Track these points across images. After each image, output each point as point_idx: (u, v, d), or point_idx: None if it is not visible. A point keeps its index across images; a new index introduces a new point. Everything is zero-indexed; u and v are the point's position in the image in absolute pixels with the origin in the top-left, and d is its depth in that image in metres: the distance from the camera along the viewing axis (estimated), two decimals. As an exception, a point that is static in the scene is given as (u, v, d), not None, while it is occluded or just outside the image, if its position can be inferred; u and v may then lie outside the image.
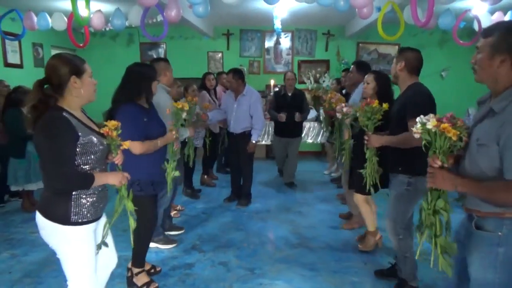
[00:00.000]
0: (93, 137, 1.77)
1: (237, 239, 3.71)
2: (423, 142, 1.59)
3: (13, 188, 4.50)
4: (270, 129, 6.98)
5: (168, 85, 3.30)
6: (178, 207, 4.47)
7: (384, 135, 2.62)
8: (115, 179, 1.85)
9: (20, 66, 6.32)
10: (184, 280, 2.93)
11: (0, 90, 4.74)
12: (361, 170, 2.77)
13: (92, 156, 1.77)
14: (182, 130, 3.09)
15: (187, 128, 3.24)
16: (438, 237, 1.60)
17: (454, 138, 1.48)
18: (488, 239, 1.50)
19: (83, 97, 1.79)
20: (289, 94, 5.35)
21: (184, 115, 2.89)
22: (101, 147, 1.81)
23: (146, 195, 2.61)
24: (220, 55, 7.96)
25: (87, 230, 1.81)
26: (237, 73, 4.45)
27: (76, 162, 1.73)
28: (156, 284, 2.79)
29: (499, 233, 1.47)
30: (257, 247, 3.54)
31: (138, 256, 2.77)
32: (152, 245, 3.23)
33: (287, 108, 5.23)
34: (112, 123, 1.86)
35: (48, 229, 1.77)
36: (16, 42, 6.12)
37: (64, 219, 1.74)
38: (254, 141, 4.47)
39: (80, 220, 1.77)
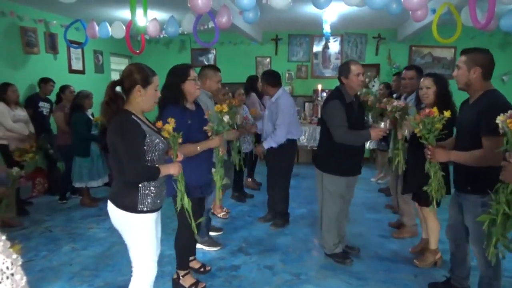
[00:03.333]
0: (155, 137, 2.00)
1: (283, 243, 3.71)
2: (505, 138, 1.63)
3: (77, 185, 4.83)
4: (317, 134, 6.93)
5: (209, 91, 3.32)
6: (225, 209, 4.56)
7: (446, 146, 2.43)
8: (174, 169, 2.08)
9: (82, 72, 6.79)
10: (231, 282, 2.99)
11: (67, 95, 5.13)
12: (425, 188, 2.53)
13: (156, 153, 2.00)
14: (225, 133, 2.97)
15: (229, 131, 3.06)
16: (496, 228, 1.74)
17: None
18: None
19: (143, 104, 2.01)
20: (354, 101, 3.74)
21: (226, 118, 2.71)
22: (161, 145, 2.04)
23: (194, 199, 2.67)
24: (268, 60, 8.03)
25: (150, 218, 2.04)
26: (264, 76, 4.05)
27: (145, 158, 1.96)
28: (204, 284, 2.87)
29: None
30: (302, 252, 3.52)
31: (182, 258, 2.85)
32: (198, 246, 3.30)
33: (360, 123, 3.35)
34: (169, 125, 2.12)
35: (118, 217, 2.01)
36: (79, 50, 6.59)
37: (131, 207, 1.97)
38: (264, 147, 3.91)
39: (145, 209, 1.99)
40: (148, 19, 4.62)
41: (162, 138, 2.07)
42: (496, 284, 2.30)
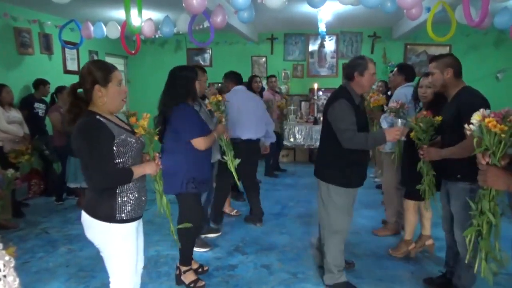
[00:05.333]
0: (126, 136, 1.83)
1: (280, 242, 3.72)
2: (475, 139, 1.57)
3: (72, 186, 4.80)
4: (313, 132, 6.95)
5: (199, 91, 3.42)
6: (235, 211, 4.56)
7: (436, 145, 2.51)
8: (151, 168, 1.91)
9: (77, 72, 6.73)
10: (228, 281, 2.99)
11: (62, 96, 5.09)
12: (418, 186, 2.68)
13: (129, 153, 1.83)
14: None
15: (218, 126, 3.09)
16: (483, 240, 1.58)
17: (503, 135, 1.44)
18: None
19: (108, 105, 1.83)
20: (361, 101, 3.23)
21: (221, 107, 3.04)
22: (135, 144, 1.87)
23: (197, 194, 2.75)
24: (264, 59, 8.03)
25: (131, 227, 1.88)
26: (224, 76, 4.28)
27: (115, 161, 1.79)
28: (203, 282, 2.87)
29: None
30: (300, 251, 3.53)
31: (185, 254, 2.87)
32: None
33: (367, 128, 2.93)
34: (143, 121, 1.94)
35: (95, 228, 1.84)
36: (75, 51, 6.57)
37: (109, 217, 1.81)
38: None
39: (124, 218, 1.83)
40: (143, 19, 4.61)
41: (137, 136, 1.91)
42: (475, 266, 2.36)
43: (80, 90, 1.85)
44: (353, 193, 2.72)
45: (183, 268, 2.86)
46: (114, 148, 1.77)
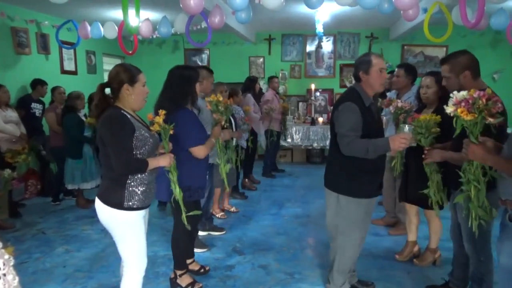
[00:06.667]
0: (144, 132, 2.05)
1: (277, 243, 3.72)
2: (454, 120, 1.88)
3: (70, 187, 4.81)
4: (311, 133, 6.97)
5: (204, 93, 3.42)
6: (227, 207, 4.60)
7: (445, 147, 2.43)
8: (165, 161, 2.14)
9: (74, 73, 6.75)
10: (225, 281, 2.99)
11: (56, 97, 5.10)
12: (424, 190, 2.56)
13: (145, 147, 2.03)
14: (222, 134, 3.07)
15: (225, 131, 3.17)
16: (472, 203, 1.94)
17: (471, 119, 1.78)
18: None
19: (133, 102, 2.06)
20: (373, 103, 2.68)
21: (220, 108, 2.95)
22: (151, 139, 2.08)
23: (192, 202, 2.69)
24: (261, 60, 8.03)
25: (137, 215, 2.06)
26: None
27: (133, 152, 1.99)
28: (200, 284, 2.86)
29: None
30: (297, 251, 3.53)
31: (178, 258, 2.84)
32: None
33: (380, 132, 2.60)
34: (160, 117, 2.19)
35: (105, 213, 2.03)
36: (72, 51, 6.55)
37: (118, 204, 1.99)
38: None
39: (132, 206, 2.02)
40: (140, 20, 4.60)
41: (152, 133, 2.12)
42: (488, 279, 2.31)
43: (107, 89, 2.08)
44: (366, 204, 2.45)
45: (179, 272, 2.83)
46: (134, 141, 1.98)
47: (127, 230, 2.06)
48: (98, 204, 2.05)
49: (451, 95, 1.88)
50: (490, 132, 1.88)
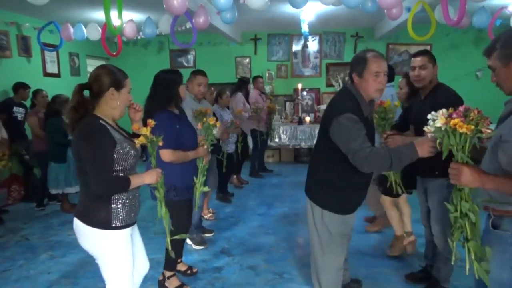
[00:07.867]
0: (126, 144, 1.83)
1: (266, 243, 3.71)
2: (438, 141, 1.55)
3: (54, 191, 4.72)
4: (298, 132, 6.98)
5: (193, 94, 3.48)
6: (210, 210, 4.54)
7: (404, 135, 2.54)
8: (151, 177, 1.91)
9: (57, 75, 6.63)
10: (214, 283, 2.96)
11: (39, 101, 4.99)
12: (383, 172, 2.66)
13: (128, 162, 1.82)
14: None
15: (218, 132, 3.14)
16: (469, 242, 1.51)
17: (468, 133, 1.42)
18: (503, 239, 1.49)
19: (115, 110, 1.83)
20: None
21: (215, 131, 2.81)
22: (133, 152, 1.86)
23: (182, 200, 2.67)
24: (248, 60, 8.02)
25: (126, 234, 1.87)
26: None
27: (114, 168, 1.77)
28: (189, 287, 2.83)
29: None
30: (286, 251, 3.52)
31: (170, 259, 2.81)
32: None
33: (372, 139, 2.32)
34: (146, 129, 1.92)
35: (90, 236, 1.80)
36: (54, 53, 6.43)
37: (104, 224, 1.78)
38: None
39: (120, 224, 1.82)
40: (123, 21, 4.55)
41: (134, 145, 1.89)
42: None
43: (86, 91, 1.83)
44: (350, 219, 2.29)
45: (167, 274, 2.81)
46: (115, 155, 1.75)
47: (116, 251, 1.83)
48: (79, 226, 1.80)
49: (432, 113, 1.54)
50: (476, 150, 1.54)
